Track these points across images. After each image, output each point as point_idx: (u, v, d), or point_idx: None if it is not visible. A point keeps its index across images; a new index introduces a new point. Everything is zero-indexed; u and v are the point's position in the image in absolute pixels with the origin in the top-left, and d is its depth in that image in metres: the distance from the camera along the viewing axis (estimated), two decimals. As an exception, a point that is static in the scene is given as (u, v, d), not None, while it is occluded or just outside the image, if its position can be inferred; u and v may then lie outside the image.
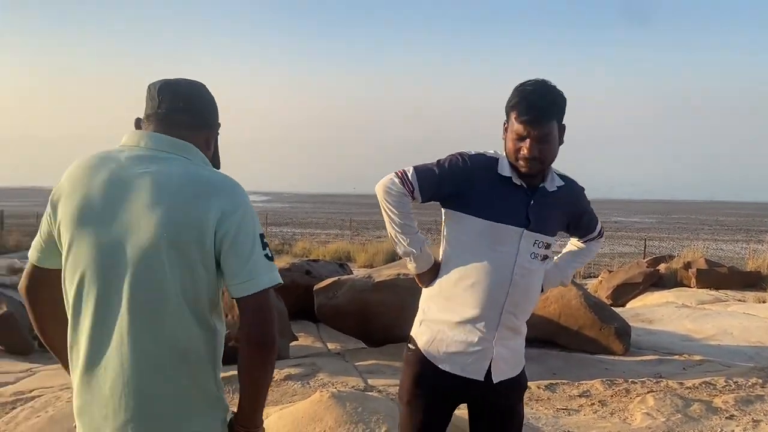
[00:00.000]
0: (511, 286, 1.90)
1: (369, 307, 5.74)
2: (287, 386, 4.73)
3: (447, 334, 1.94)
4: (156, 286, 1.40)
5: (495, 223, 1.89)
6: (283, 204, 51.85)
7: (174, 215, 1.40)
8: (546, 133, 1.83)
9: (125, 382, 1.41)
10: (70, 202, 1.45)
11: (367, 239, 28.71)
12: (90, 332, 1.43)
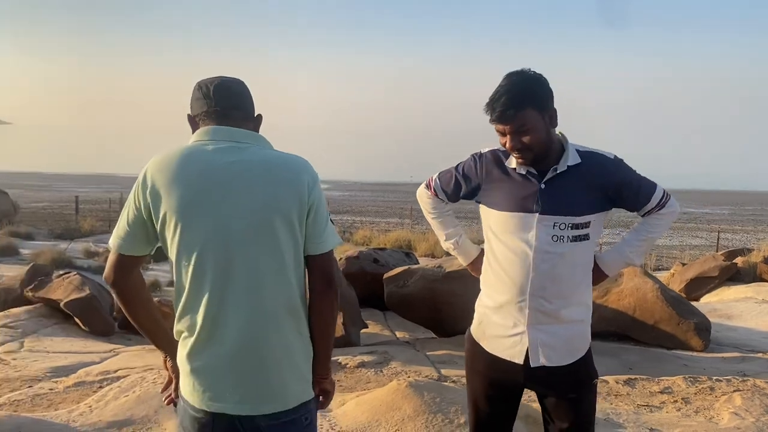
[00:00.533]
0: (533, 271, 1.95)
1: (439, 297, 5.72)
2: (361, 373, 4.76)
3: (489, 317, 2.08)
4: (270, 255, 1.64)
5: (509, 213, 1.99)
6: (342, 192, 52.21)
7: (277, 192, 1.64)
8: (520, 124, 1.90)
9: (246, 338, 1.63)
10: (175, 193, 1.64)
11: (426, 228, 28.69)
12: (208, 301, 1.63)
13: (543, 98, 1.93)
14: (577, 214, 1.95)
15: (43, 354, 5.30)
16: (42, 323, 6.26)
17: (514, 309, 1.99)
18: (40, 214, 27.43)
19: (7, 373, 4.77)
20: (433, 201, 2.27)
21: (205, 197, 1.63)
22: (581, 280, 2.04)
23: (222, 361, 1.64)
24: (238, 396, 1.65)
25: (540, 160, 1.96)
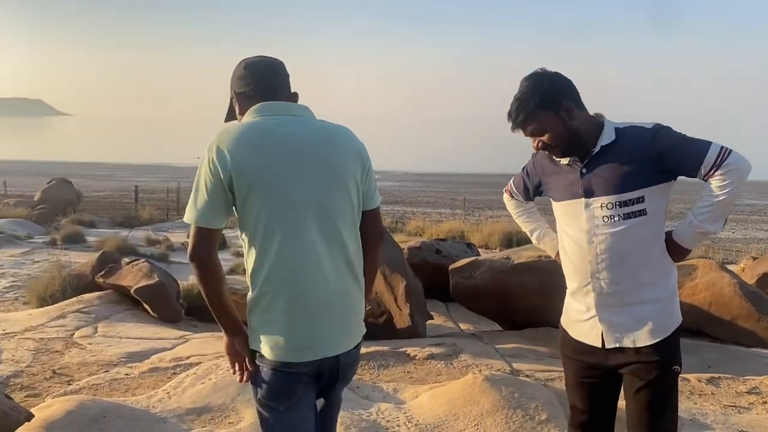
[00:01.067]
0: (589, 254, 2.01)
1: (508, 289, 5.59)
2: (431, 365, 4.69)
3: (570, 303, 2.17)
4: (348, 213, 1.89)
5: (562, 202, 2.10)
6: (392, 183, 52.19)
7: (345, 158, 1.89)
8: (534, 128, 2.01)
9: (337, 289, 1.85)
10: (257, 164, 1.79)
11: (479, 219, 28.39)
12: (295, 260, 1.80)
13: (552, 98, 1.99)
14: (621, 191, 1.97)
15: (116, 339, 5.41)
16: (113, 309, 6.41)
17: (582, 294, 2.08)
18: (102, 203, 28.32)
19: (84, 357, 4.88)
20: (513, 202, 2.48)
21: (290, 167, 1.81)
22: (648, 258, 2.00)
23: (321, 310, 1.82)
24: (333, 340, 1.85)
25: (574, 149, 2.03)
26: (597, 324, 2.04)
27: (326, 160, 1.85)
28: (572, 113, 2.00)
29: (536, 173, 2.26)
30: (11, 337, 5.30)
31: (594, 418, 2.17)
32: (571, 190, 2.06)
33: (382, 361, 4.73)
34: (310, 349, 1.82)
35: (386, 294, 5.52)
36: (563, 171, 2.09)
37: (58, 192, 20.80)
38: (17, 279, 8.86)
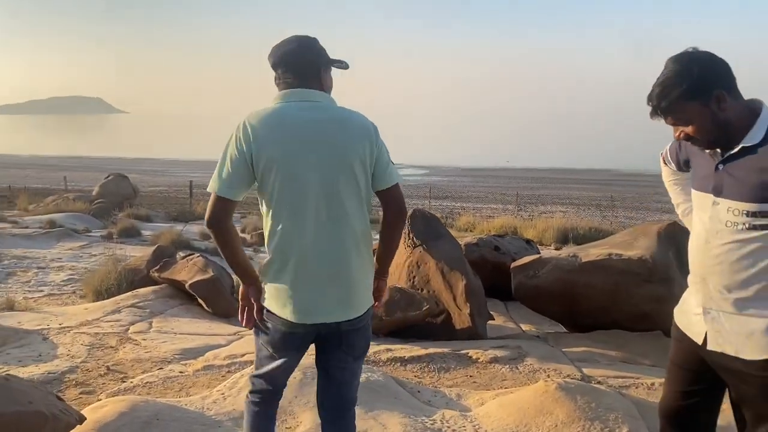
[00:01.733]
0: (704, 253, 1.90)
1: (575, 289, 5.27)
2: (495, 369, 4.43)
3: (689, 292, 2.06)
4: (353, 193, 2.07)
5: (695, 191, 1.97)
6: (441, 177, 51.81)
7: (353, 142, 2.06)
8: (676, 118, 1.84)
9: (340, 261, 2.07)
10: (276, 144, 2.02)
11: (531, 214, 27.78)
12: (310, 231, 2.04)
13: (701, 87, 1.78)
14: (754, 201, 1.77)
15: (170, 335, 5.33)
16: (168, 304, 6.35)
17: (695, 288, 1.98)
18: (157, 198, 28.92)
19: (138, 354, 4.80)
20: (666, 169, 2.26)
21: (300, 148, 2.02)
22: (765, 272, 1.81)
23: (322, 280, 2.06)
24: (331, 308, 2.08)
25: (721, 142, 1.84)
26: (702, 323, 1.96)
27: (334, 142, 2.03)
28: (723, 103, 1.79)
29: (684, 150, 2.09)
30: (67, 331, 5.28)
31: (683, 407, 2.10)
32: (704, 182, 1.92)
33: (442, 363, 4.49)
34: (309, 314, 2.07)
35: (445, 293, 5.27)
36: (704, 158, 1.95)
37: (115, 187, 21.25)
38: (75, 272, 8.97)
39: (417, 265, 5.43)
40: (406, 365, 4.45)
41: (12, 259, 9.63)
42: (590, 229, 18.10)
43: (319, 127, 2.04)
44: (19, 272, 8.90)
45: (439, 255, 5.32)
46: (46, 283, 8.37)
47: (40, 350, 4.80)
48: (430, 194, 30.85)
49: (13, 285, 8.19)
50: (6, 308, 6.20)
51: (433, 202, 30.65)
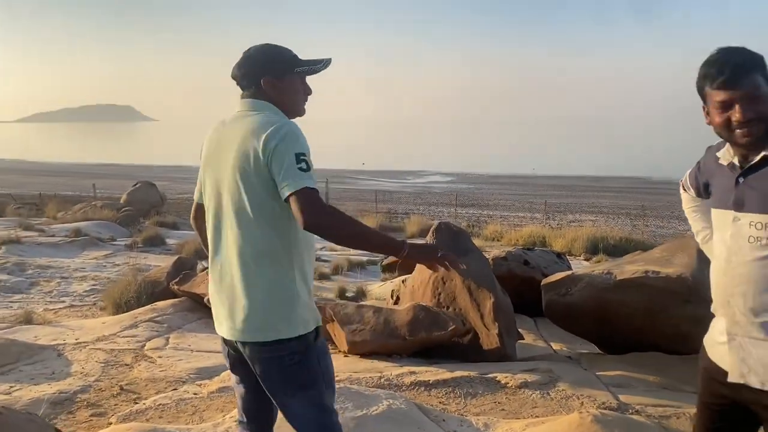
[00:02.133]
0: (727, 274, 1.79)
1: (610, 308, 4.99)
2: (525, 395, 4.17)
3: (715, 320, 1.92)
4: (239, 206, 1.99)
5: (714, 209, 1.88)
6: (467, 185, 51.41)
7: (241, 153, 1.97)
8: (752, 88, 1.68)
9: (231, 274, 2.03)
10: (204, 154, 2.18)
11: (560, 223, 27.29)
12: (213, 241, 2.11)
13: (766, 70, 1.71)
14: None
15: (187, 352, 5.17)
16: (186, 318, 6.21)
17: (720, 314, 1.86)
18: (185, 205, 29.01)
19: (153, 373, 4.65)
20: (686, 196, 2.18)
21: (206, 162, 2.14)
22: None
23: (217, 293, 2.10)
24: (221, 325, 2.10)
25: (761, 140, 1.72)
26: (727, 351, 1.83)
27: (228, 156, 2.01)
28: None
29: (703, 172, 2.00)
30: (83, 347, 5.15)
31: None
32: (723, 198, 1.83)
33: (469, 388, 4.24)
34: (218, 326, 2.13)
35: (472, 311, 5.03)
36: (722, 174, 1.85)
37: (142, 194, 21.37)
38: (97, 282, 8.91)
39: (442, 282, 5.19)
40: (431, 390, 4.22)
41: (36, 268, 9.62)
42: (621, 239, 17.69)
43: (223, 139, 2.08)
44: (42, 282, 8.87)
45: (466, 271, 5.08)
46: (68, 293, 8.32)
47: (54, 367, 4.68)
48: (456, 202, 30.52)
49: (35, 295, 8.14)
50: (24, 321, 6.12)
51: (459, 210, 30.34)
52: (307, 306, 2.06)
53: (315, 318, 2.09)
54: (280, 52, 2.13)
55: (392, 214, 27.71)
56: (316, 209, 1.86)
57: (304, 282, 2.05)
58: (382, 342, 4.78)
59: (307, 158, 1.93)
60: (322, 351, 2.12)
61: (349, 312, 4.97)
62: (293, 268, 2.01)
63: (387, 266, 10.81)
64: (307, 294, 2.07)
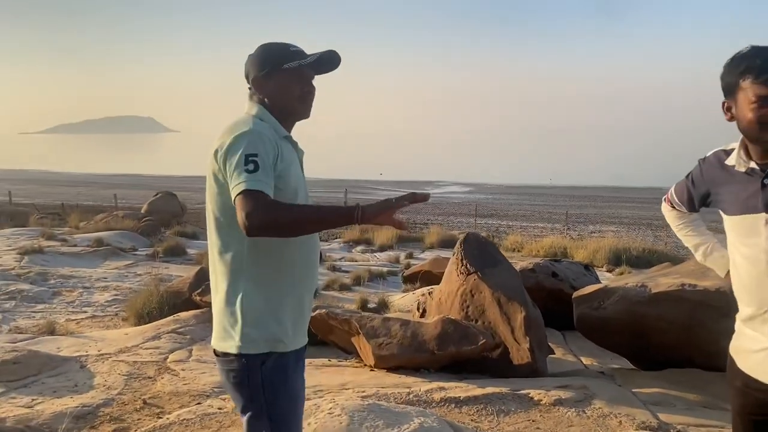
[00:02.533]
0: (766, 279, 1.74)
1: (645, 322, 4.82)
2: (559, 413, 4.02)
3: (742, 330, 1.88)
4: (210, 207, 1.91)
5: (737, 216, 1.82)
6: (485, 195, 51.18)
7: (210, 156, 1.86)
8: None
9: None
10: None
11: (580, 234, 26.97)
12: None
13: None
14: None
15: (210, 365, 5.08)
16: (209, 329, 6.06)
17: (758, 322, 1.80)
18: (204, 215, 29.12)
19: (176, 386, 4.56)
20: (673, 213, 2.20)
21: None
22: None
23: None
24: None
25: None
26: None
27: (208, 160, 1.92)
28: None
29: (704, 182, 1.97)
30: (106, 358, 5.09)
31: None
32: (748, 203, 1.78)
33: (501, 405, 4.10)
34: None
35: (501, 325, 4.89)
36: (739, 180, 1.81)
37: (163, 204, 21.49)
38: (119, 292, 8.89)
39: (471, 294, 5.06)
40: (462, 407, 4.08)
41: (59, 278, 9.63)
42: (644, 250, 17.39)
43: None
44: (64, 291, 8.87)
45: (495, 283, 4.95)
46: (90, 303, 8.30)
47: (77, 380, 4.61)
48: (476, 212, 30.32)
49: (57, 305, 8.13)
50: (46, 332, 6.08)
51: (479, 221, 30.13)
52: (258, 324, 1.86)
53: (269, 339, 1.86)
54: (269, 49, 1.96)
55: (411, 224, 27.59)
56: (253, 211, 1.69)
57: (263, 296, 1.87)
58: (410, 356, 4.66)
59: (258, 159, 1.76)
60: (272, 382, 1.86)
61: (375, 325, 4.85)
62: (249, 279, 1.86)
63: (408, 277, 10.70)
64: (268, 311, 1.87)
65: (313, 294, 2.06)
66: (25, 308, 7.77)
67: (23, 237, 13.77)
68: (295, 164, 1.95)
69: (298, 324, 1.96)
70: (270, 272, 1.88)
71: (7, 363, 4.65)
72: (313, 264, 2.00)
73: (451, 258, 5.43)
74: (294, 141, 2.00)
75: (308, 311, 2.03)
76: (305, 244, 1.94)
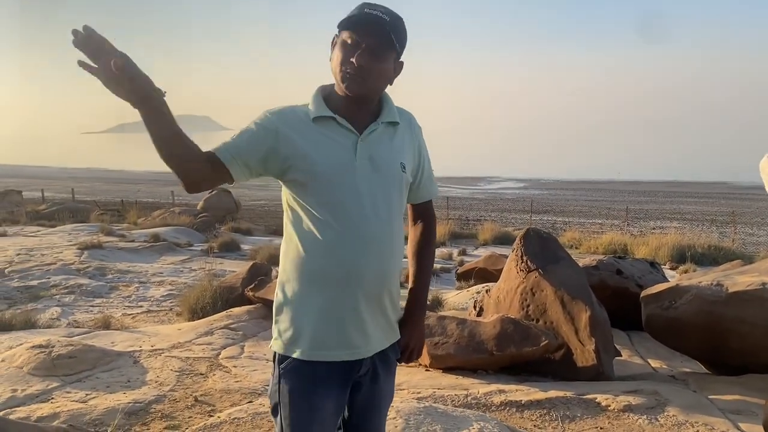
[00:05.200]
0: None
1: (722, 324, 4.47)
2: (630, 420, 3.74)
3: None
4: None
5: None
6: (541, 191, 50.22)
7: None
8: None
9: None
10: None
11: (641, 230, 26.08)
12: None
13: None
14: None
15: (262, 362, 4.99)
16: (261, 325, 6.06)
17: None
18: (258, 212, 29.55)
19: (228, 383, 4.47)
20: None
21: None
22: None
23: None
24: None
25: None
26: None
27: None
28: None
29: None
30: (158, 354, 5.05)
31: None
32: None
33: (566, 411, 3.84)
34: None
35: (565, 325, 4.62)
36: None
37: (218, 201, 21.80)
38: (174, 287, 8.96)
39: (532, 293, 4.80)
40: (523, 411, 3.85)
41: (116, 273, 9.79)
42: (709, 247, 16.65)
43: None
44: (121, 286, 9.00)
45: (558, 281, 4.68)
46: (146, 298, 8.38)
47: (129, 375, 4.58)
48: (531, 208, 29.72)
49: (114, 300, 8.24)
50: (102, 326, 6.12)
51: (534, 217, 29.52)
52: (288, 319, 1.72)
53: (290, 339, 1.70)
54: (352, 8, 1.73)
55: (463, 220, 27.24)
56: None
57: (288, 291, 1.72)
58: (467, 356, 4.45)
59: (249, 124, 1.72)
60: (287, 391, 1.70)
61: (430, 323, 4.66)
62: (287, 267, 1.73)
63: (462, 274, 10.47)
64: (301, 305, 1.70)
65: (373, 298, 1.73)
66: (83, 302, 7.90)
67: (84, 232, 14.13)
68: (329, 145, 1.70)
69: (332, 331, 1.71)
70: (305, 254, 1.70)
71: (63, 357, 4.66)
72: (361, 259, 1.69)
73: (510, 254, 5.19)
74: (342, 121, 1.71)
75: (354, 319, 1.72)
76: (342, 231, 1.67)
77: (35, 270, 9.56)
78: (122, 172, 70.27)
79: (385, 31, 1.65)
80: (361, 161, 1.71)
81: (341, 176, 1.68)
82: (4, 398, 4.04)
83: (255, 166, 1.70)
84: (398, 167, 1.78)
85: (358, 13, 1.65)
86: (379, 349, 1.79)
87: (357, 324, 1.72)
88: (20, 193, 28.90)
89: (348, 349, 1.72)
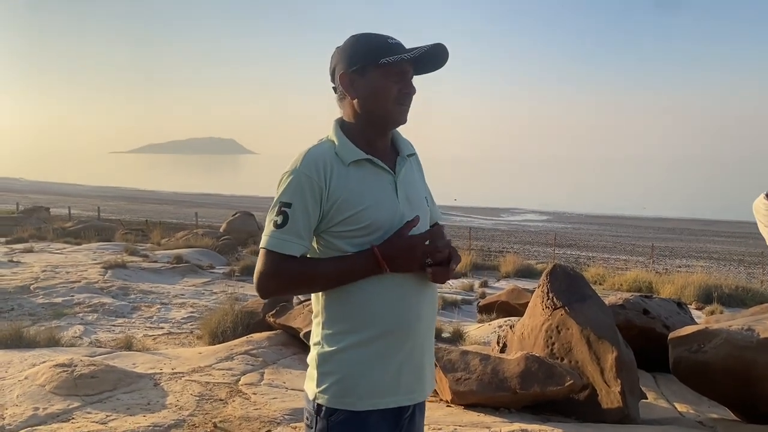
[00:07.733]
0: None
1: (753, 370, 4.35)
2: (657, 468, 3.64)
3: None
4: None
5: None
6: (564, 224, 49.77)
7: None
8: None
9: None
10: None
11: (666, 268, 25.67)
12: None
13: None
14: None
15: (281, 390, 4.96)
16: (281, 353, 6.04)
17: None
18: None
19: (247, 410, 4.45)
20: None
21: None
22: None
23: None
24: None
25: None
26: None
27: None
28: None
29: None
30: (179, 377, 5.05)
31: None
32: None
33: None
34: None
35: (590, 365, 4.53)
36: None
37: (241, 224, 21.98)
38: (195, 310, 9.00)
39: (557, 330, 4.73)
40: (546, 453, 3.77)
41: (138, 293, 9.86)
42: (737, 287, 16.32)
43: None
44: (143, 307, 9.06)
45: (584, 320, 4.61)
46: (167, 319, 8.42)
47: (150, 397, 4.58)
48: (555, 241, 29.45)
49: (136, 320, 8.29)
50: (124, 347, 6.15)
51: (557, 251, 29.23)
52: (338, 369, 1.64)
53: (341, 390, 1.64)
54: (364, 40, 1.65)
55: (486, 251, 27.07)
56: (261, 275, 1.62)
57: (350, 334, 1.64)
58: (490, 394, 4.37)
59: (290, 211, 1.60)
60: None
61: (452, 358, 4.60)
62: (334, 314, 1.67)
63: (484, 307, 10.37)
64: (356, 353, 1.63)
65: (426, 339, 1.72)
66: (105, 321, 7.96)
67: (108, 251, 14.30)
68: (375, 191, 1.66)
69: (391, 378, 1.65)
70: (348, 307, 1.65)
71: (85, 377, 4.69)
72: (419, 302, 1.68)
73: (536, 290, 5.13)
74: (378, 162, 1.68)
75: (411, 362, 1.68)
76: (398, 276, 1.64)
77: (60, 287, 9.68)
78: (149, 192, 71.35)
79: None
80: (402, 203, 1.70)
81: (391, 221, 1.65)
82: (26, 416, 4.06)
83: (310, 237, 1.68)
84: (425, 202, 1.79)
85: (419, 47, 1.64)
86: (432, 389, 1.77)
87: (414, 368, 1.68)
88: (48, 209, 29.42)
89: (406, 394, 1.69)
